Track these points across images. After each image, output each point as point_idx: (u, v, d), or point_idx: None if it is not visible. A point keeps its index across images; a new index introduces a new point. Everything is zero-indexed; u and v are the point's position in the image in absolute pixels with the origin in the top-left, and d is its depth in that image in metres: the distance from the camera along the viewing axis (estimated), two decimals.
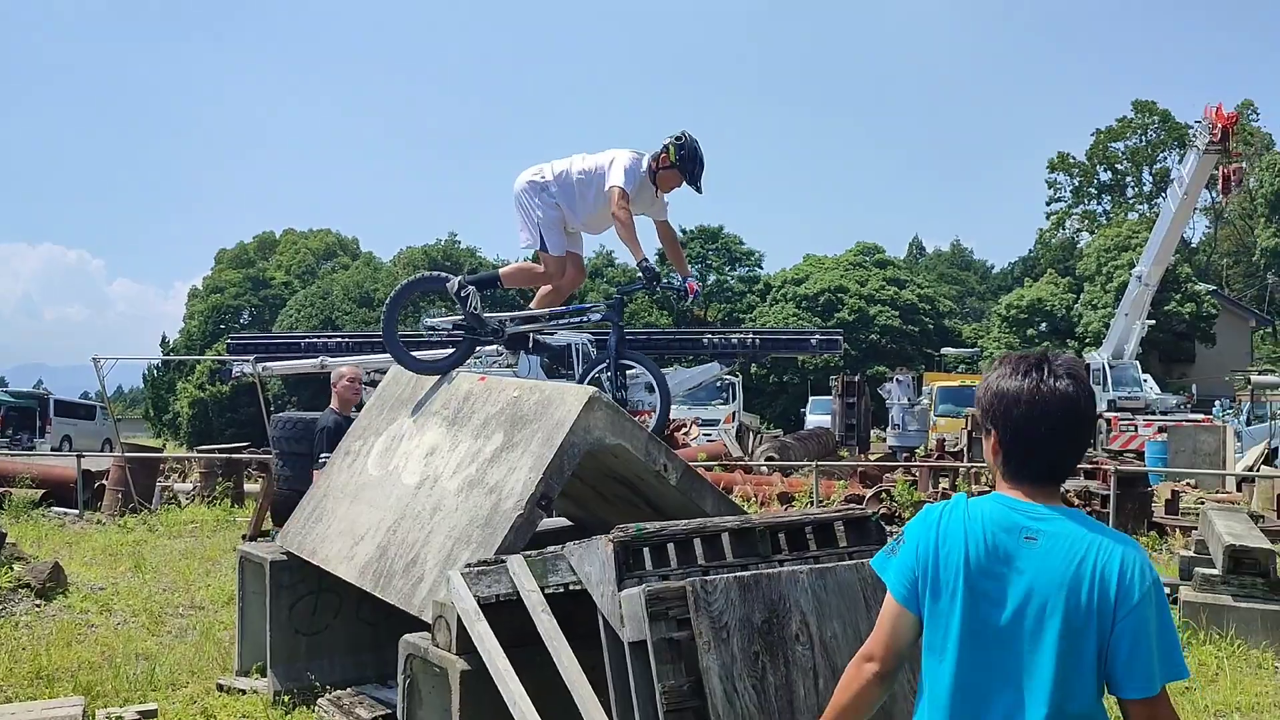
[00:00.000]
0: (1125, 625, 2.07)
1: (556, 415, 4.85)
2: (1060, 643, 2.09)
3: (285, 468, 11.24)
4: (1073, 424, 2.20)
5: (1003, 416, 2.23)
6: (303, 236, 70.88)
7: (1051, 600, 2.11)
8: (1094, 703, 2.13)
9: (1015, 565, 2.15)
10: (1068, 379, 2.21)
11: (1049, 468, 2.23)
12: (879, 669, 2.33)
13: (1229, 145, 29.29)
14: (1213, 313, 49.55)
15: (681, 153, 6.33)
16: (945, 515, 2.28)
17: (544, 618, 3.76)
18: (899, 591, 2.31)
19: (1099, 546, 2.12)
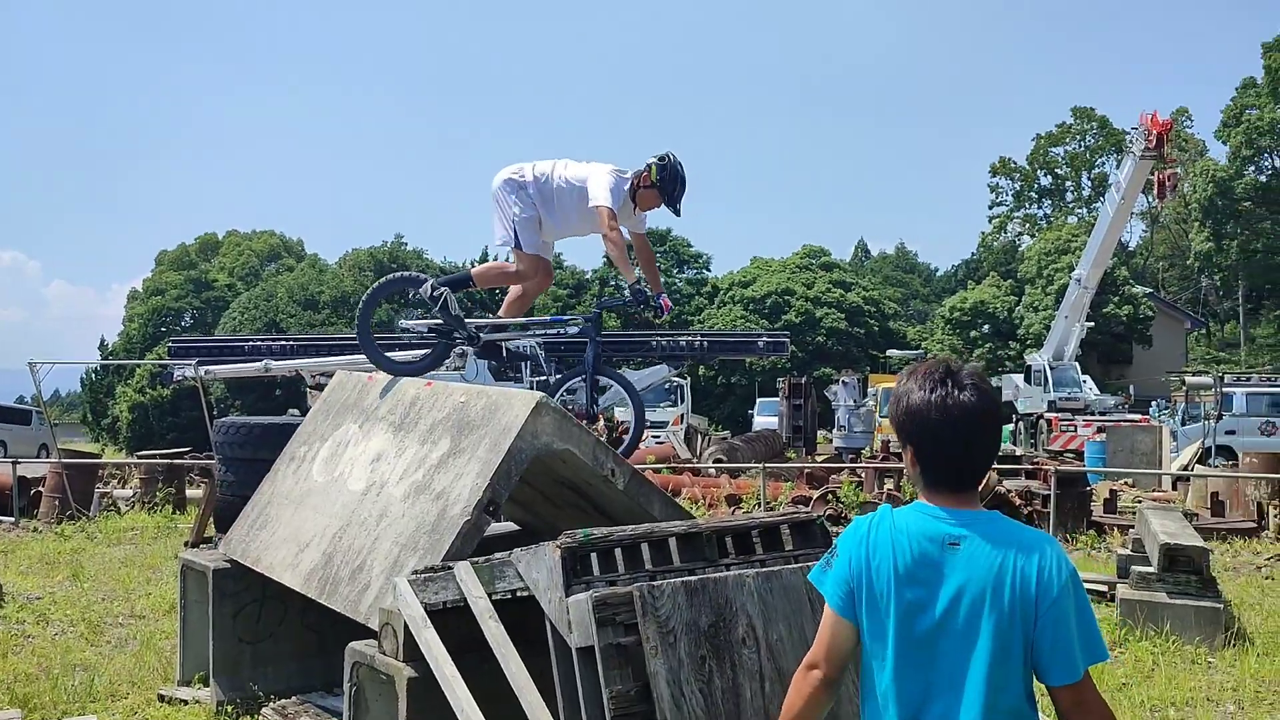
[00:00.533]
0: (1047, 618, 2.18)
1: (504, 420, 4.84)
2: (988, 642, 2.20)
3: (229, 473, 11.08)
4: (981, 432, 2.32)
5: (917, 432, 2.35)
6: (246, 238, 69.97)
7: (977, 601, 2.22)
8: (1024, 698, 2.23)
9: (941, 571, 2.26)
10: (972, 389, 2.32)
11: (965, 475, 2.35)
12: (823, 675, 2.45)
13: (1164, 151, 30.00)
14: (1149, 315, 50.72)
15: (663, 173, 6.29)
16: (873, 528, 2.39)
17: (491, 624, 3.76)
18: (836, 603, 2.42)
19: (1018, 546, 2.23)
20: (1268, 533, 12.89)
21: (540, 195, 6.46)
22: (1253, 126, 48.22)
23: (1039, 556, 2.21)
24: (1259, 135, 48.28)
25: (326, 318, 54.10)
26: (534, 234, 6.53)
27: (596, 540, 3.66)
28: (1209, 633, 7.31)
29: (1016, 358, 48.04)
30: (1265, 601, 8.95)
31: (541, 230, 6.60)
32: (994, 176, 69.20)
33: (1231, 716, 5.93)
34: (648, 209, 6.49)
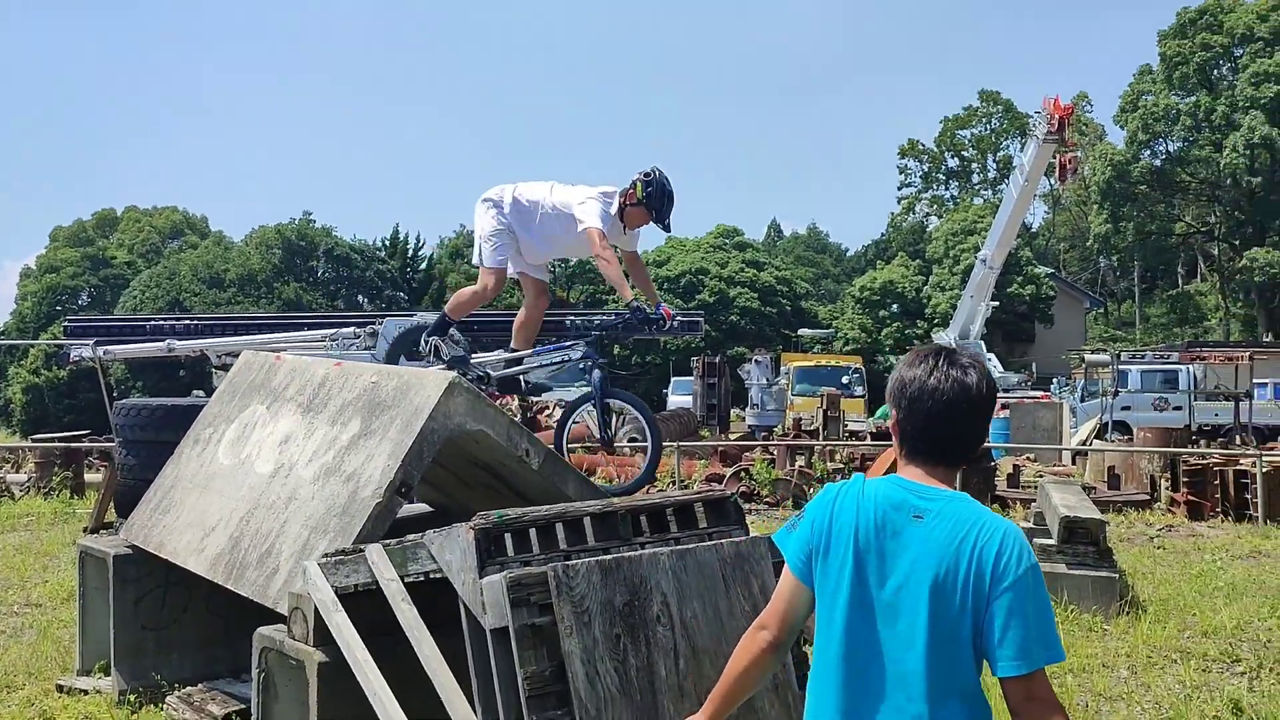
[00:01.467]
0: (999, 604, 2.15)
1: (415, 401, 4.78)
2: (937, 618, 2.19)
3: (130, 456, 10.74)
4: (962, 410, 2.31)
5: (899, 397, 2.36)
6: (146, 214, 67.75)
7: (933, 576, 2.20)
8: (971, 678, 2.22)
9: (901, 542, 2.25)
10: (963, 369, 2.32)
11: (940, 450, 2.34)
12: (771, 638, 2.45)
13: (1065, 135, 30.83)
14: (1051, 294, 52.16)
15: (649, 190, 6.21)
16: (841, 493, 2.39)
17: (404, 607, 3.71)
18: (795, 565, 2.42)
19: (981, 527, 2.22)
20: (1159, 504, 13.42)
21: (519, 216, 6.37)
22: (1148, 112, 49.73)
23: (1000, 540, 2.19)
24: (1154, 121, 49.81)
25: (232, 296, 52.74)
26: (498, 250, 6.42)
27: (510, 521, 3.64)
28: (1105, 601, 7.58)
29: (924, 336, 49.04)
30: (1157, 570, 9.31)
31: (521, 251, 6.51)
32: (902, 158, 70.33)
33: (1125, 680, 6.16)
34: (636, 226, 6.41)
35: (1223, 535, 11.39)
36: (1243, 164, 46.48)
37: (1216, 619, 7.38)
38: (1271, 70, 45.47)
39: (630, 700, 3.40)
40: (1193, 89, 49.89)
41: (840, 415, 21.52)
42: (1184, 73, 49.41)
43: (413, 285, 58.05)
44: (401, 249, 59.62)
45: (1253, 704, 5.57)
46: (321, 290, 55.75)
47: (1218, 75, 50.04)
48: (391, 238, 60.17)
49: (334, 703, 4.07)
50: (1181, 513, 12.70)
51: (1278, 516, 12.21)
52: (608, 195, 6.29)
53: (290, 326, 31.92)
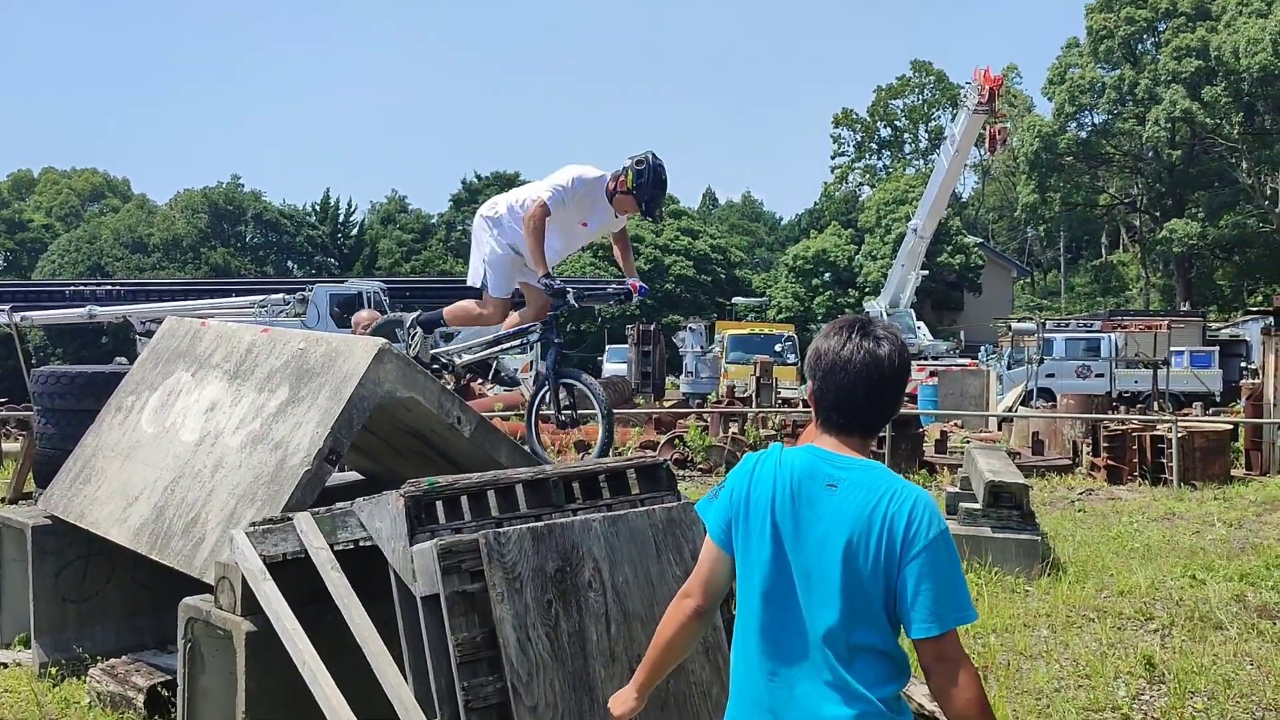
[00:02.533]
0: (910, 569, 2.21)
1: (345, 368, 4.71)
2: (851, 582, 2.24)
3: (49, 425, 10.46)
4: (874, 382, 2.33)
5: (814, 368, 2.40)
6: (65, 176, 65.62)
7: (844, 543, 2.25)
8: (886, 638, 2.27)
9: (816, 510, 2.30)
10: (875, 340, 2.35)
11: (852, 420, 2.37)
12: (696, 605, 2.50)
13: (995, 106, 31.26)
14: (980, 264, 53.00)
15: (640, 180, 5.92)
16: (760, 463, 2.43)
17: (333, 575, 3.68)
18: (715, 534, 2.47)
19: (892, 495, 2.26)
20: (1081, 469, 13.79)
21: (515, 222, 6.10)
22: (1075, 85, 50.47)
23: (911, 507, 2.24)
24: (1080, 93, 50.58)
25: (156, 262, 51.42)
26: (504, 276, 6.17)
27: (441, 488, 3.62)
28: (1027, 563, 7.79)
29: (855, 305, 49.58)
30: (1077, 533, 9.58)
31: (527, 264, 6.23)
32: (836, 127, 70.66)
33: (1045, 639, 6.34)
34: (624, 213, 6.14)
35: (1140, 498, 11.76)
36: (1164, 137, 47.48)
37: (1132, 579, 7.63)
38: (1193, 45, 46.38)
39: (562, 665, 3.42)
40: (1117, 62, 50.72)
41: (773, 383, 21.69)
42: (1109, 46, 50.19)
43: (344, 251, 57.19)
44: (332, 214, 58.63)
45: (1165, 660, 5.77)
46: (250, 256, 54.62)
47: (1142, 49, 50.96)
48: (322, 202, 59.13)
49: (262, 672, 4.03)
50: (1101, 477, 13.07)
51: (1191, 480, 12.62)
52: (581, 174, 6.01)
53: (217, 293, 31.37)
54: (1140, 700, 5.31)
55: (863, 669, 2.24)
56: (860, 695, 2.22)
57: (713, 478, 13.41)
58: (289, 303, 26.90)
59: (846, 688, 2.23)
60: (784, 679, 2.29)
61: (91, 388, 10.48)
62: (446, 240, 58.00)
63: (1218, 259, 51.07)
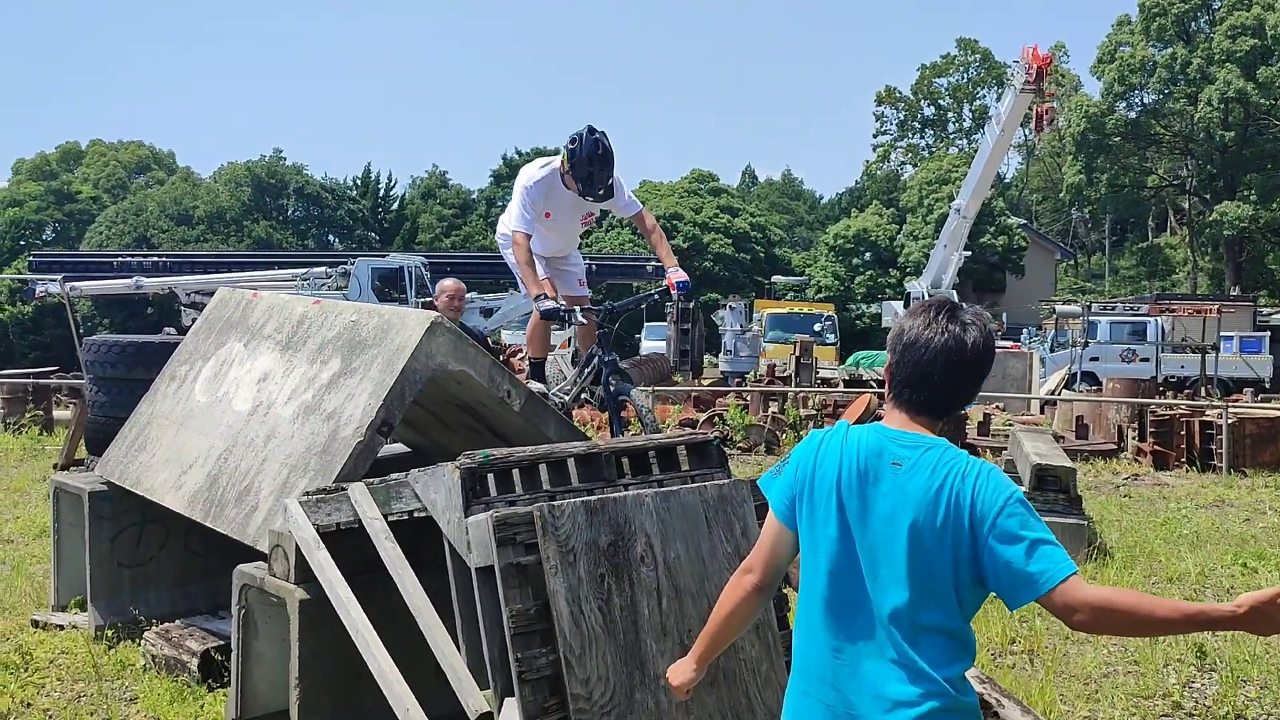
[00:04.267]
0: (990, 542, 2.18)
1: (397, 340, 4.74)
2: (916, 561, 2.23)
3: (100, 393, 10.63)
4: (952, 363, 2.32)
5: (895, 343, 2.40)
6: (112, 148, 66.32)
7: (910, 522, 2.24)
8: (953, 618, 2.26)
9: (880, 488, 2.29)
10: (963, 325, 2.34)
11: (924, 400, 2.36)
12: (757, 581, 2.50)
13: (1043, 86, 30.71)
14: (1023, 246, 52.34)
15: (573, 159, 5.80)
16: (826, 440, 2.42)
17: (387, 545, 3.72)
18: (779, 510, 2.47)
19: (956, 472, 2.26)
20: (1126, 453, 13.61)
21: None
22: (1125, 64, 49.55)
23: (975, 482, 2.23)
24: (1130, 72, 49.66)
25: (201, 234, 51.98)
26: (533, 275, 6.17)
27: (496, 461, 3.64)
28: (1073, 548, 7.70)
29: (896, 285, 49.20)
30: (1123, 518, 9.47)
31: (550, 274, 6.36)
32: (879, 105, 69.95)
33: None
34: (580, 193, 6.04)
35: (1188, 484, 11.59)
36: (1216, 118, 46.58)
37: (1181, 565, 7.53)
38: (1248, 23, 45.38)
39: (614, 639, 3.43)
40: (1170, 41, 49.75)
41: (813, 362, 21.60)
42: (1162, 24, 49.21)
43: (384, 225, 57.49)
44: (373, 188, 58.92)
45: (1216, 648, 5.70)
46: (291, 229, 55.04)
47: (1195, 27, 49.93)
48: (363, 176, 59.42)
49: (314, 639, 4.08)
50: (1148, 462, 12.89)
51: (1241, 467, 12.42)
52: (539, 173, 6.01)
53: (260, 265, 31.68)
54: (1191, 688, 5.25)
55: (928, 648, 2.23)
56: (926, 674, 2.21)
57: (753, 457, 13.39)
58: (331, 276, 27.18)
59: (912, 666, 2.22)
60: (849, 656, 2.29)
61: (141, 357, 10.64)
62: (486, 216, 58.11)
63: (1269, 243, 50.07)
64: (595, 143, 5.78)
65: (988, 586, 2.23)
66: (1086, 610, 2.11)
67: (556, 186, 6.04)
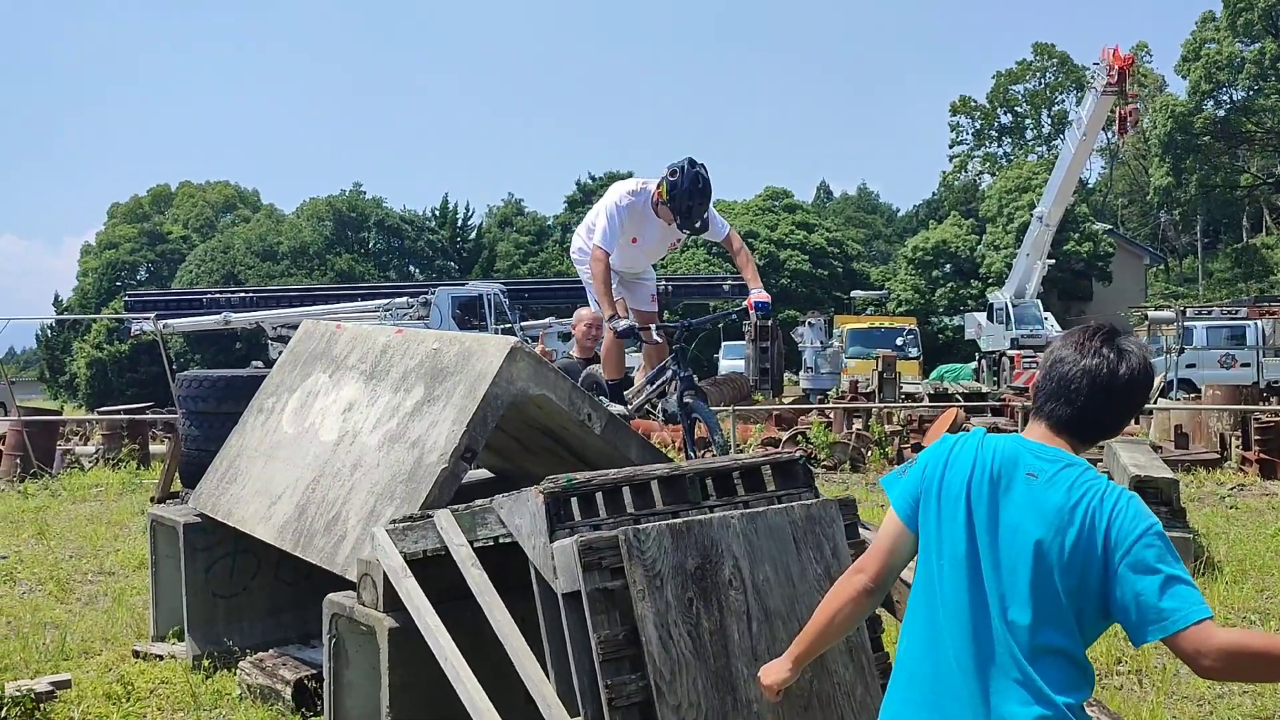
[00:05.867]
0: (1122, 572, 2.09)
1: (478, 367, 4.75)
2: (1039, 580, 2.15)
3: (193, 427, 10.91)
4: (1100, 383, 2.25)
5: (1046, 357, 2.36)
6: (200, 189, 68.54)
7: (1039, 538, 2.16)
8: (1073, 642, 2.17)
9: (1012, 497, 2.22)
10: (1117, 351, 2.26)
11: (1066, 414, 2.28)
12: (868, 582, 2.44)
13: (1125, 87, 30.00)
14: (1109, 251, 51.03)
15: (674, 190, 5.71)
16: (961, 445, 2.36)
17: (474, 572, 3.70)
18: (902, 509, 2.40)
19: (1095, 493, 2.17)
20: (1230, 463, 13.11)
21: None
22: (1211, 61, 48.26)
23: (1114, 506, 2.15)
24: (1218, 70, 48.35)
25: (285, 269, 53.31)
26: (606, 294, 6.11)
27: (579, 485, 3.60)
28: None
29: (978, 296, 48.31)
30: (1230, 530, 9.10)
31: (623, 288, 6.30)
32: (954, 115, 68.92)
33: None
34: (670, 222, 5.94)
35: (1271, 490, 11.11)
36: None
37: None
38: None
39: (704, 663, 3.37)
40: (1258, 35, 48.26)
41: (896, 377, 21.29)
42: (1249, 19, 47.81)
43: (463, 254, 58.32)
44: (451, 218, 59.85)
45: None
46: (373, 261, 56.17)
47: None
48: (441, 207, 60.40)
49: (404, 667, 4.09)
50: (1254, 472, 12.40)
51: None
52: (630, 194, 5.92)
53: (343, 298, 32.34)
54: None
55: (1049, 670, 2.15)
56: (1046, 698, 2.13)
57: (837, 475, 13.20)
58: (412, 305, 27.64)
59: (1032, 686, 2.14)
60: (965, 668, 2.21)
61: (231, 391, 10.88)
62: (562, 241, 58.61)
63: None
64: (696, 175, 5.71)
65: (1112, 617, 2.15)
66: (1217, 656, 2.00)
67: (648, 213, 5.97)
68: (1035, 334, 34.04)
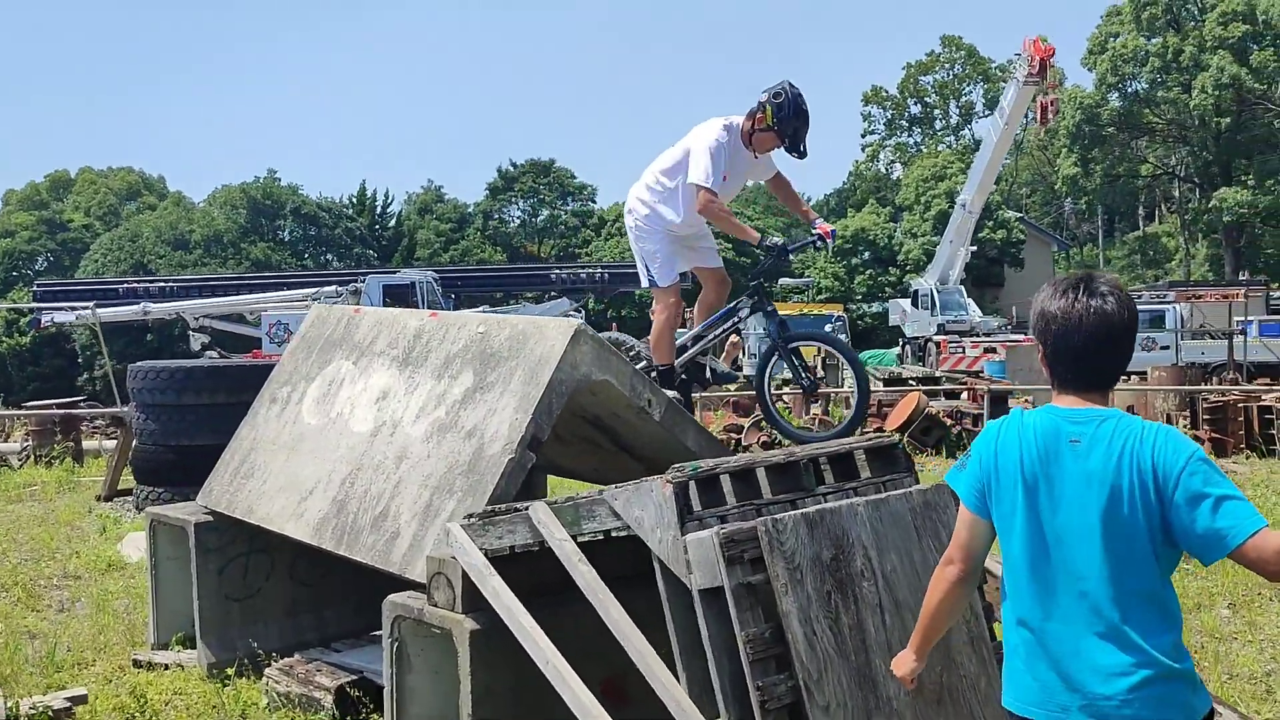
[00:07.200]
0: (1179, 501, 2.22)
1: (538, 351, 4.50)
2: (1111, 533, 2.28)
3: (149, 421, 10.33)
4: (1106, 336, 2.37)
5: (1044, 332, 2.45)
6: (101, 175, 65.83)
7: (1098, 495, 2.29)
8: (1156, 581, 2.30)
9: (1062, 467, 2.35)
10: (1102, 296, 2.39)
11: (1089, 376, 2.42)
12: (959, 571, 2.57)
13: (1046, 77, 30.66)
14: (1021, 239, 52.30)
15: (780, 114, 5.51)
16: (1003, 429, 2.49)
17: (582, 568, 3.47)
18: (970, 501, 2.53)
19: (1133, 437, 2.30)
20: None
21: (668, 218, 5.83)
22: (1117, 54, 49.62)
23: (1154, 444, 2.27)
24: (1123, 63, 49.72)
25: (198, 258, 51.49)
26: (667, 262, 5.91)
27: (704, 473, 3.39)
28: None
29: (897, 283, 49.12)
30: None
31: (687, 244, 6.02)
32: (866, 105, 69.83)
33: (1229, 620, 6.07)
34: (766, 151, 5.78)
35: (1258, 472, 11.39)
36: (1210, 105, 46.54)
37: None
38: (1238, 8, 45.47)
39: (846, 660, 3.20)
40: (1160, 30, 49.76)
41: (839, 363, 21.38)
42: (1152, 13, 49.23)
43: (382, 242, 57.08)
44: (370, 206, 58.52)
45: None
46: (289, 250, 54.56)
47: (1185, 15, 49.97)
48: (359, 194, 59.02)
49: (487, 672, 3.84)
50: (1207, 449, 12.69)
51: None
52: (723, 131, 5.67)
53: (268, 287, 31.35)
54: None
55: (1135, 618, 2.26)
56: (1135, 644, 2.25)
57: None
58: (341, 295, 26.91)
59: (1121, 637, 2.26)
60: (1057, 634, 2.33)
61: (191, 382, 10.40)
62: (484, 229, 57.82)
63: (1267, 227, 50.08)
64: (799, 95, 5.60)
65: (1179, 546, 2.28)
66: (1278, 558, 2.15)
67: (739, 148, 5.75)
68: (959, 319, 34.75)
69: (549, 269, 29.48)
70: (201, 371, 10.24)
